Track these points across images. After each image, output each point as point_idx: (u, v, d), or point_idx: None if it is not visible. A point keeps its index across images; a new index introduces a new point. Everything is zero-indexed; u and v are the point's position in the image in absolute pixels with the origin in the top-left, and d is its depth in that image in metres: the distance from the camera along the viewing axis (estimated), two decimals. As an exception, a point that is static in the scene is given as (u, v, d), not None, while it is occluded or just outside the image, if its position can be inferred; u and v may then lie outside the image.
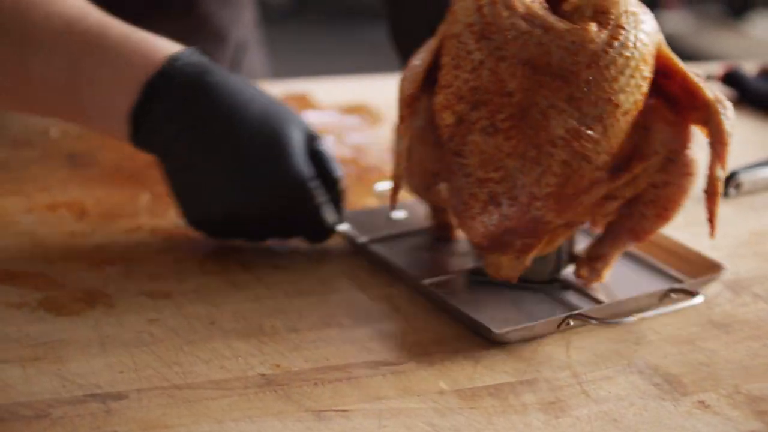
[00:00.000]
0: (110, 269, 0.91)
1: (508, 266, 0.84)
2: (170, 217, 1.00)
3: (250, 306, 0.85)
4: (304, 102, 1.37)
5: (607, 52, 0.80)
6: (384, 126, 1.30)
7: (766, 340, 0.84)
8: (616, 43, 0.80)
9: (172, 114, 0.89)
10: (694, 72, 0.84)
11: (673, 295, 0.87)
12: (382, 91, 1.37)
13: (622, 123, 0.81)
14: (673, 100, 0.84)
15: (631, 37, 0.80)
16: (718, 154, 0.82)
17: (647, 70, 0.81)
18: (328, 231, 0.93)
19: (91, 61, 0.90)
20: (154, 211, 1.02)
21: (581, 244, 0.93)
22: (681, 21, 5.76)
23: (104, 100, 0.91)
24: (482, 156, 0.81)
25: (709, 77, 1.48)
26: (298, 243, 0.96)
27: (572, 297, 0.89)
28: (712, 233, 0.83)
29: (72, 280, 0.88)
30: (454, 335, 0.82)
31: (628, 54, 0.80)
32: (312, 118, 1.28)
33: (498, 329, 0.80)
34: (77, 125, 1.02)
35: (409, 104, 0.85)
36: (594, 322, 0.81)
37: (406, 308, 0.86)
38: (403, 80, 0.86)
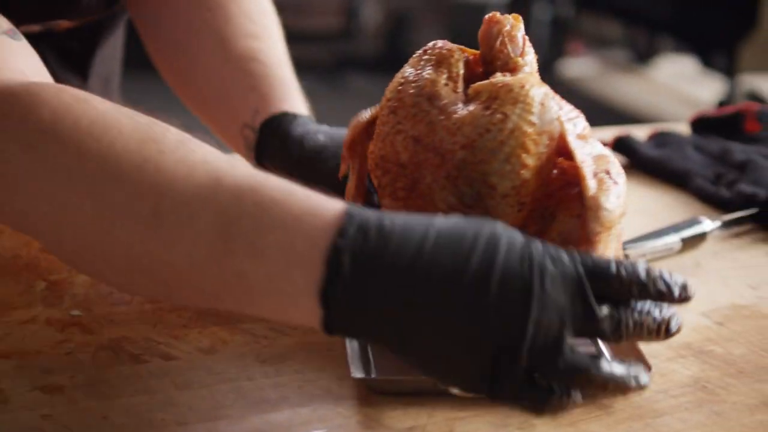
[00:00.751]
0: (4, 363, 0.93)
1: None
2: (64, 307, 1.02)
3: (141, 399, 0.88)
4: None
5: (481, 136, 0.84)
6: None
7: (648, 420, 0.89)
8: (493, 128, 0.84)
9: (374, 284, 0.72)
10: (596, 158, 0.88)
11: None
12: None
13: (504, 206, 0.85)
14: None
15: (510, 125, 0.85)
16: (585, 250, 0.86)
17: (530, 158, 0.85)
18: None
19: (249, 223, 0.74)
20: (48, 300, 1.04)
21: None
22: (586, 66, 5.89)
23: (274, 276, 0.74)
24: None
25: (598, 145, 1.53)
26: (187, 333, 0.98)
27: None
28: None
29: (-34, 376, 0.90)
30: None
31: (501, 139, 0.84)
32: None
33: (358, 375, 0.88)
34: (215, 298, 0.79)
35: (348, 148, 0.96)
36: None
37: (295, 396, 0.89)
38: (349, 127, 0.97)
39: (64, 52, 1.25)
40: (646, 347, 1.00)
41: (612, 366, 0.74)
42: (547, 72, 5.83)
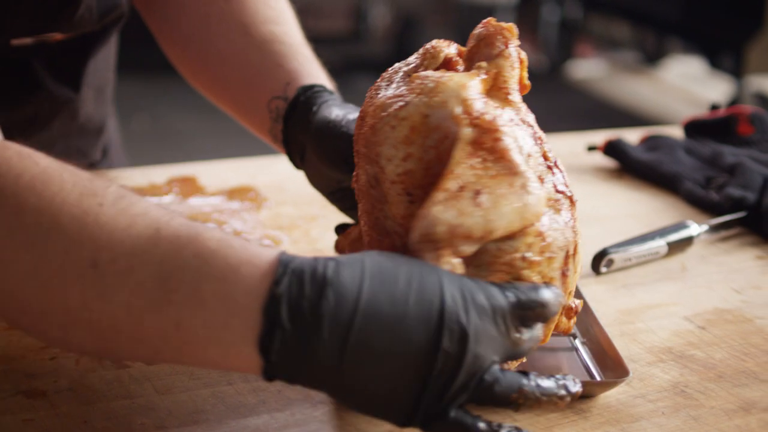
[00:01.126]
0: (-12, 368, 0.94)
1: None
2: (51, 312, 1.03)
3: (122, 404, 0.89)
4: (192, 185, 1.41)
5: (381, 118, 0.88)
6: (266, 209, 1.34)
7: (624, 425, 0.89)
8: (391, 112, 0.87)
9: (313, 334, 0.73)
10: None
11: None
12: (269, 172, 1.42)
13: (393, 193, 0.87)
14: None
15: (404, 112, 0.87)
16: None
17: (415, 149, 0.86)
18: None
19: (189, 275, 0.75)
20: (35, 305, 1.05)
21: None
22: (595, 68, 5.88)
23: (213, 325, 0.74)
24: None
25: (590, 148, 1.54)
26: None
27: None
28: None
29: (-51, 381, 0.91)
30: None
31: (394, 124, 0.87)
32: (197, 203, 1.32)
33: None
34: (152, 350, 0.79)
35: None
36: None
37: (274, 401, 0.90)
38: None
39: (56, 65, 1.26)
40: (625, 351, 1.01)
41: (540, 380, 0.78)
42: (556, 73, 5.84)
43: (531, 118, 0.91)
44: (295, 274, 0.74)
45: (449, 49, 0.94)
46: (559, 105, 5.27)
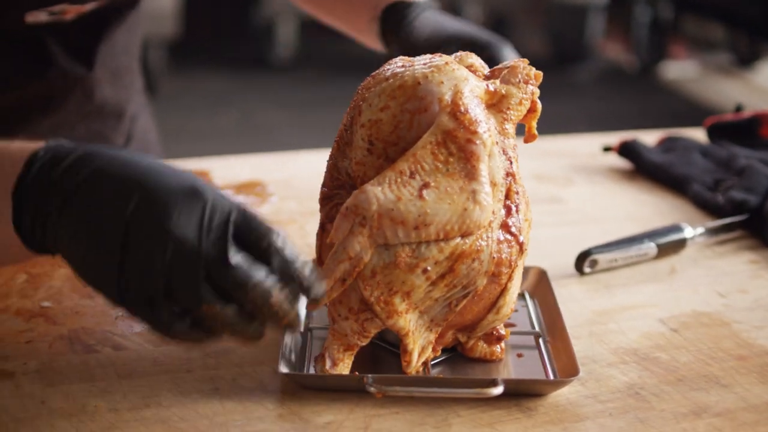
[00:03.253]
0: (-34, 349, 0.98)
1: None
2: (37, 298, 1.08)
3: (83, 386, 0.93)
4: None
5: (382, 71, 0.95)
6: (269, 204, 1.38)
7: (567, 424, 0.90)
8: (391, 68, 0.95)
9: (47, 187, 0.83)
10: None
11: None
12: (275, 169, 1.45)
13: (358, 137, 0.93)
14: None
15: (403, 71, 0.93)
16: None
17: (394, 104, 0.91)
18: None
19: None
20: (25, 291, 1.10)
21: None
22: (687, 69, 5.80)
23: None
24: None
25: (606, 149, 1.54)
26: (139, 327, 1.03)
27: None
28: None
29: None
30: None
31: (387, 76, 0.93)
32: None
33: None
34: None
35: None
36: (388, 388, 0.89)
37: (227, 388, 0.93)
38: None
39: (70, 42, 1.31)
40: (589, 351, 1.01)
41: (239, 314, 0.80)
42: (647, 74, 5.77)
43: (513, 154, 0.94)
44: (56, 146, 0.84)
45: (476, 60, 0.98)
46: (648, 105, 5.21)
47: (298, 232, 1.28)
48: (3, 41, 1.25)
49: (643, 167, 1.48)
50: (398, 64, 0.94)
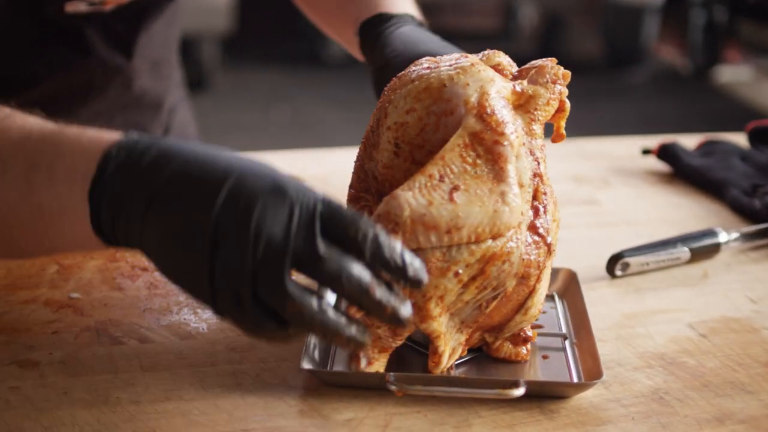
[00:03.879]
0: (-6, 338, 1.00)
1: None
2: (67, 289, 1.09)
3: (106, 378, 0.94)
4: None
5: (409, 72, 0.95)
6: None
7: (589, 427, 0.89)
8: (418, 70, 0.95)
9: (127, 183, 0.83)
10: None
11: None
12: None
13: (385, 139, 0.93)
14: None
15: (429, 73, 0.92)
16: None
17: (420, 106, 0.91)
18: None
19: (47, 160, 0.87)
20: (55, 282, 1.11)
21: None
22: (742, 73, 5.74)
23: (61, 195, 0.86)
24: None
25: (645, 151, 1.52)
26: (172, 319, 1.03)
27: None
28: None
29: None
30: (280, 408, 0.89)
31: (413, 78, 0.93)
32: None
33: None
34: (35, 237, 0.91)
35: None
36: (410, 387, 0.89)
37: (249, 383, 0.93)
38: None
39: (109, 32, 1.33)
40: (615, 355, 1.00)
41: (329, 312, 0.78)
42: (701, 77, 5.71)
43: (541, 155, 0.93)
44: (129, 143, 0.84)
45: (504, 58, 0.97)
46: (701, 109, 5.17)
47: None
48: (43, 30, 1.27)
49: (681, 171, 1.47)
50: (424, 65, 0.94)
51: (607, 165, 1.54)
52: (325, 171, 1.46)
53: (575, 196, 1.43)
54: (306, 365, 0.93)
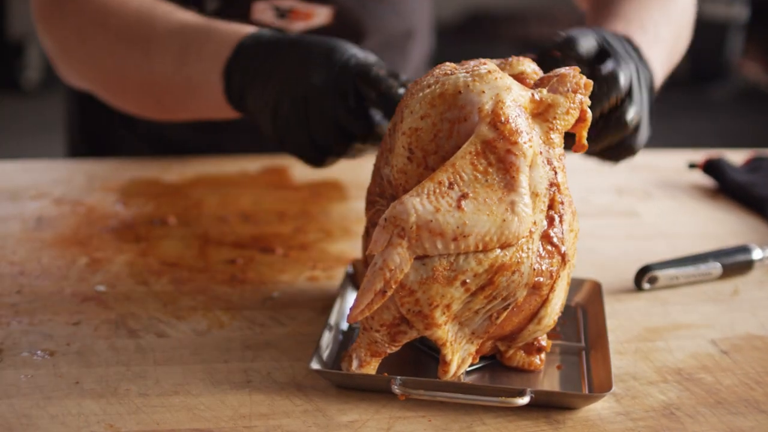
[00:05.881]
0: (17, 324, 1.02)
1: None
2: (94, 282, 1.11)
3: (118, 370, 0.95)
4: (281, 176, 1.46)
5: (425, 77, 0.95)
6: (349, 204, 1.38)
7: (595, 439, 0.88)
8: (435, 75, 0.95)
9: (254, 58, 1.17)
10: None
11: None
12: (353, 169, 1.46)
13: (399, 144, 0.93)
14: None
15: (445, 79, 0.92)
16: None
17: (434, 111, 0.91)
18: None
19: (197, 43, 1.21)
20: (83, 274, 1.13)
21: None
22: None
23: (206, 70, 1.20)
24: None
25: (691, 165, 1.50)
26: (191, 315, 1.04)
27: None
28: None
29: (-23, 334, 1.00)
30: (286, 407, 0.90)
31: (430, 83, 0.93)
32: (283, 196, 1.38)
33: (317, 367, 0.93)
34: (185, 105, 1.29)
35: None
36: (413, 391, 0.90)
37: (258, 381, 0.94)
38: None
39: None
40: (632, 367, 0.99)
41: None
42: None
43: (559, 164, 0.92)
44: (256, 35, 1.20)
45: (529, 66, 0.96)
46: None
47: (342, 236, 1.28)
48: None
49: (725, 185, 1.44)
50: (443, 70, 0.93)
51: (652, 177, 1.52)
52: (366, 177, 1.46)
53: (615, 207, 1.41)
54: (315, 366, 0.93)
